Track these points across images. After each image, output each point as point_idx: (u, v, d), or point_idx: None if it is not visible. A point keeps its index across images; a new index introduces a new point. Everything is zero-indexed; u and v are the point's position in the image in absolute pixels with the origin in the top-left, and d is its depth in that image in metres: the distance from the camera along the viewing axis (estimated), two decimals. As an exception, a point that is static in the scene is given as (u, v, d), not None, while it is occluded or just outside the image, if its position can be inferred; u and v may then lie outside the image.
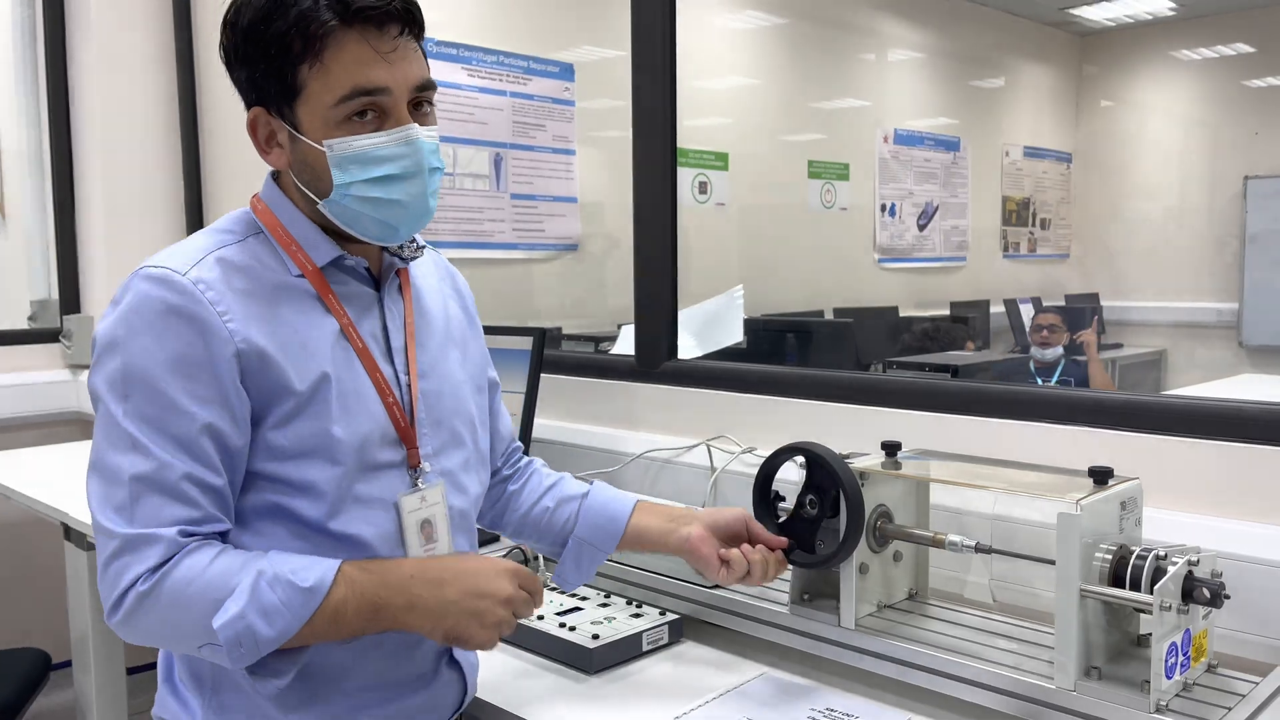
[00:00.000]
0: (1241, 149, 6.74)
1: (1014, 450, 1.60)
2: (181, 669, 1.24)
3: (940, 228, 6.40)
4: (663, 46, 2.14)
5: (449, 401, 1.29)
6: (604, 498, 1.45)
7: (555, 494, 1.47)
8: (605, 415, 2.25)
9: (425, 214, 1.19)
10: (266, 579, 1.06)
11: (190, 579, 1.06)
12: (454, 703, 1.33)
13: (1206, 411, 1.49)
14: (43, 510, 2.44)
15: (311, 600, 1.06)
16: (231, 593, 1.05)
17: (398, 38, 1.12)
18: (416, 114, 1.16)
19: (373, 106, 1.13)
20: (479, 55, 3.99)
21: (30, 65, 3.49)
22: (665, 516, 1.42)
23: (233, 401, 1.10)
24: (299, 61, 1.11)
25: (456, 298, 1.42)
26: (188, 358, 1.08)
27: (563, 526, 1.44)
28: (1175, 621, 1.16)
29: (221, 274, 1.13)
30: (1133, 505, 1.27)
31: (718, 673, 1.47)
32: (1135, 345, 6.70)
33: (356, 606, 1.08)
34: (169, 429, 1.08)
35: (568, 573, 1.44)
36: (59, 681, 2.60)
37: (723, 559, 1.35)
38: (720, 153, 5.00)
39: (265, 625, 1.05)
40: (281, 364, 1.12)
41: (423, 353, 1.28)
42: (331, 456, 1.14)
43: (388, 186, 1.14)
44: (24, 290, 3.58)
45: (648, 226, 2.19)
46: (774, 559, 1.37)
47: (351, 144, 1.13)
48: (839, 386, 1.90)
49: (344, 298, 1.21)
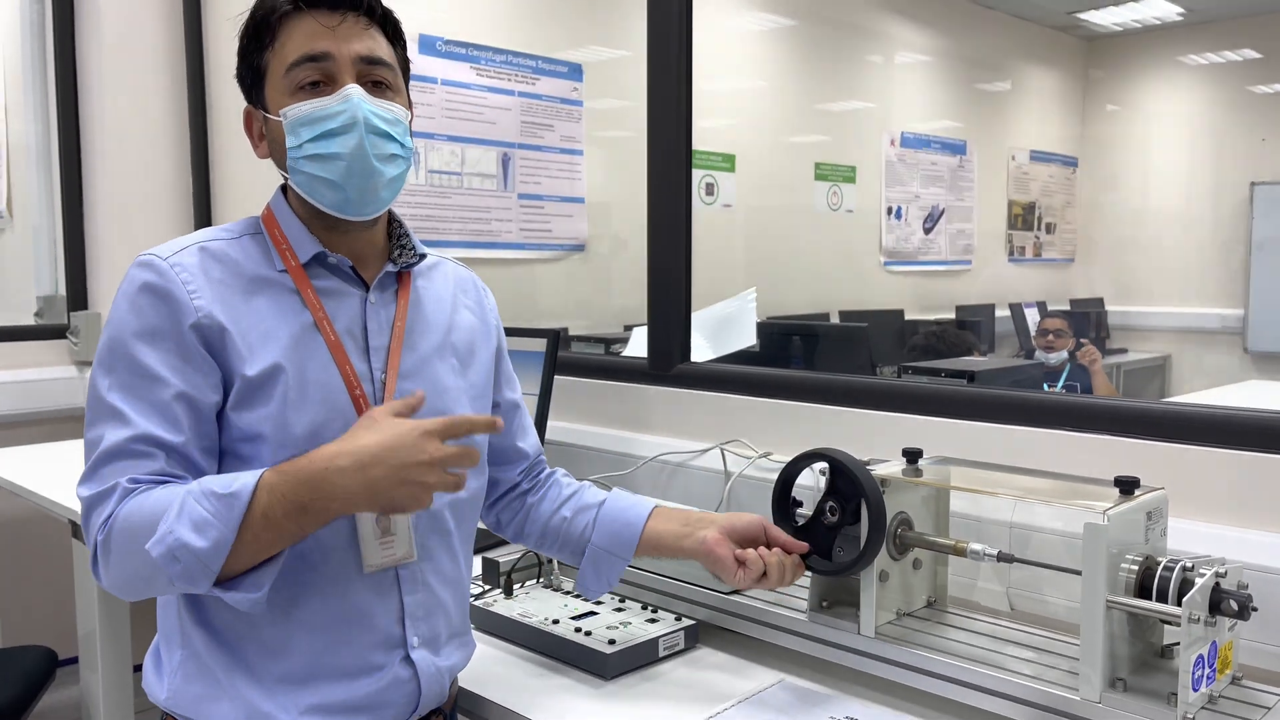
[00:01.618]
0: (1248, 155, 6.74)
1: (1032, 457, 1.59)
2: (159, 639, 1.29)
3: (946, 231, 6.39)
4: (679, 47, 2.13)
5: (431, 404, 1.28)
6: (620, 505, 1.44)
7: (573, 504, 1.46)
8: (617, 418, 2.24)
9: (369, 173, 1.21)
10: (194, 495, 1.09)
11: (130, 514, 1.11)
12: (404, 705, 1.28)
13: (1227, 421, 1.48)
14: (51, 507, 2.43)
15: (235, 505, 1.07)
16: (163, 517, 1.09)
17: (355, 18, 1.22)
18: (371, 90, 1.22)
19: (320, 75, 1.21)
20: (488, 55, 3.99)
21: (38, 60, 3.48)
22: (681, 521, 1.41)
23: (202, 367, 1.17)
24: (263, 49, 1.23)
25: (476, 311, 1.43)
26: (158, 329, 1.16)
27: (580, 535, 1.43)
28: (1202, 634, 1.15)
29: (200, 261, 1.22)
30: (1158, 515, 1.26)
31: (734, 679, 1.46)
32: (1140, 350, 6.70)
33: (284, 509, 1.08)
34: (143, 395, 1.15)
35: (589, 581, 1.43)
36: (63, 678, 2.59)
37: (739, 560, 1.34)
38: (727, 154, 4.99)
39: (196, 537, 1.07)
40: (239, 345, 1.18)
41: (409, 354, 1.30)
42: (280, 440, 1.18)
43: (327, 142, 1.20)
44: (30, 286, 3.58)
45: (662, 228, 2.19)
46: (791, 563, 1.36)
47: (300, 109, 1.21)
48: (855, 391, 1.89)
49: (324, 293, 1.26)
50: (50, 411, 3.30)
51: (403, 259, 1.32)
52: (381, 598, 1.25)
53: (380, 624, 1.25)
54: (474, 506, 1.38)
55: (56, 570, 2.68)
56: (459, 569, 1.35)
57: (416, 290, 1.34)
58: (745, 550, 1.35)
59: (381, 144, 1.22)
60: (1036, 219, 7.18)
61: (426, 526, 1.29)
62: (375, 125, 1.21)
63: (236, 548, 1.08)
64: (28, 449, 3.01)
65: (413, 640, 1.27)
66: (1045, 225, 7.26)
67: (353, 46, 1.21)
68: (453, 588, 1.34)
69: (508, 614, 1.61)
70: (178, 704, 1.25)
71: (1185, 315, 6.85)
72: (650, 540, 1.40)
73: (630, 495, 1.47)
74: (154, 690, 1.28)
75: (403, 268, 1.33)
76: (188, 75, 3.39)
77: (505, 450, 1.48)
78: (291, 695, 1.21)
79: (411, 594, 1.27)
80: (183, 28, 3.38)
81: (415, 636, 1.27)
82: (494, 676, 1.47)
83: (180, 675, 1.24)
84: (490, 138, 4.03)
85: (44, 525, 2.72)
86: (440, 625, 1.31)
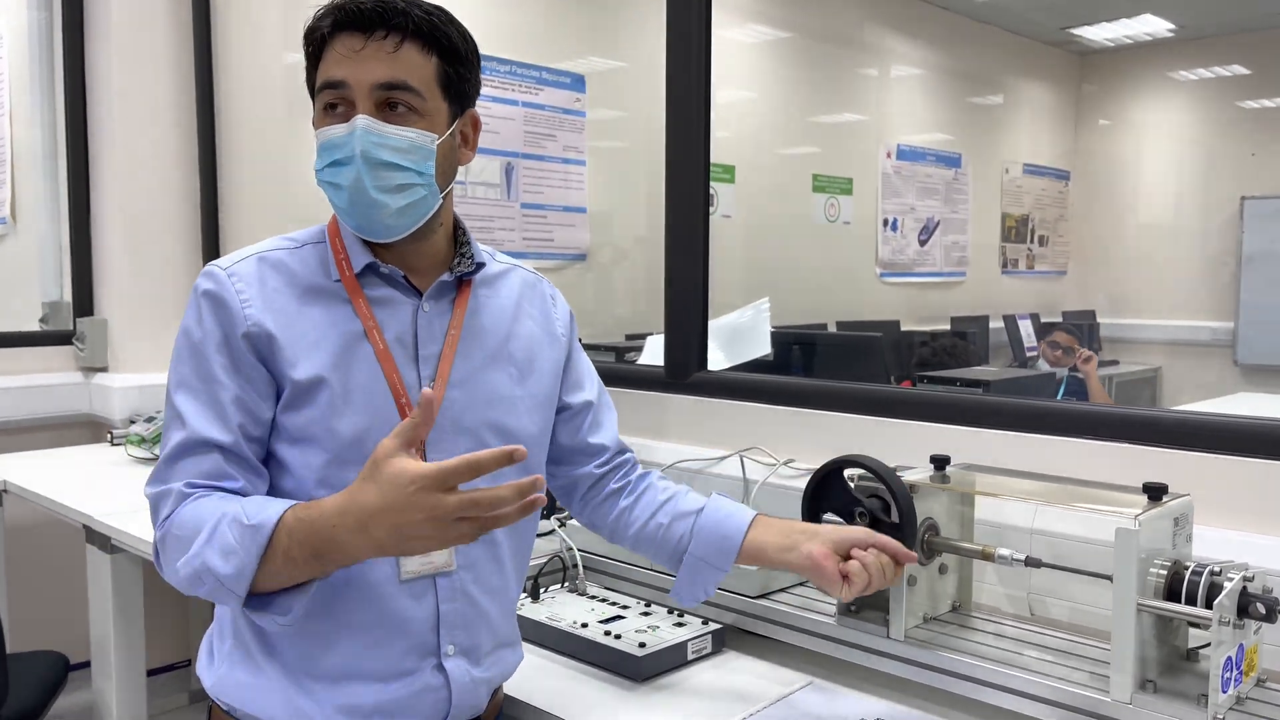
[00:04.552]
0: (1238, 169, 6.82)
1: (1052, 465, 1.62)
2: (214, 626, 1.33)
3: (941, 243, 6.45)
4: (697, 58, 2.17)
5: (482, 412, 1.30)
6: (719, 514, 1.41)
7: (669, 510, 1.44)
8: (635, 425, 2.26)
9: (370, 205, 1.22)
10: (227, 520, 1.12)
11: (182, 523, 1.15)
12: (434, 713, 1.28)
13: (1246, 430, 1.52)
14: (64, 513, 2.43)
15: (257, 538, 1.09)
16: (199, 533, 1.13)
17: (375, 39, 1.21)
18: (386, 112, 1.22)
19: (339, 99, 1.22)
20: (492, 65, 4.01)
21: (46, 65, 3.48)
22: (784, 532, 1.38)
23: (251, 373, 1.22)
24: (314, 67, 1.26)
25: (540, 320, 1.43)
26: (214, 335, 1.22)
27: (677, 543, 1.42)
28: (1231, 636, 1.18)
29: (257, 271, 1.26)
30: (1184, 521, 1.29)
31: (763, 682, 1.48)
32: (1131, 362, 6.76)
33: (301, 554, 1.09)
34: (200, 396, 1.21)
35: (684, 590, 1.42)
36: (75, 683, 2.59)
37: (843, 574, 1.30)
38: (727, 165, 5.03)
39: (222, 563, 1.10)
40: (287, 352, 1.22)
41: (463, 362, 1.30)
42: (327, 443, 1.22)
43: (335, 170, 1.22)
44: (35, 292, 3.57)
45: (679, 239, 2.21)
46: (889, 564, 1.32)
47: (321, 133, 1.24)
48: (874, 401, 1.91)
49: (376, 302, 1.28)
50: (57, 417, 3.29)
51: (460, 268, 1.33)
52: (418, 604, 1.26)
53: (415, 630, 1.26)
54: (526, 521, 1.33)
55: (68, 575, 2.68)
56: (506, 581, 1.35)
57: (477, 299, 1.35)
58: (848, 563, 1.31)
59: (386, 175, 1.21)
60: (1029, 232, 7.25)
61: None
62: (376, 157, 1.20)
63: (261, 575, 1.11)
64: (38, 454, 3.01)
65: (447, 649, 1.28)
66: (1038, 238, 7.32)
67: (372, 73, 1.20)
68: (498, 599, 1.33)
69: (535, 617, 1.62)
70: (222, 691, 1.28)
71: (1176, 328, 6.92)
72: (751, 551, 1.38)
73: (729, 503, 1.44)
74: (204, 676, 1.31)
75: (460, 276, 1.33)
76: (196, 81, 3.39)
77: (575, 449, 1.48)
78: (327, 693, 1.24)
79: (449, 602, 1.28)
80: (192, 34, 3.39)
81: (450, 645, 1.28)
82: (524, 679, 1.48)
83: (227, 664, 1.28)
84: (494, 147, 4.05)
85: (56, 530, 2.72)
86: (482, 636, 1.31)
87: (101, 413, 3.30)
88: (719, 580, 1.40)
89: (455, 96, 1.28)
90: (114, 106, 3.29)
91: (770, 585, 1.63)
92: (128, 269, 3.34)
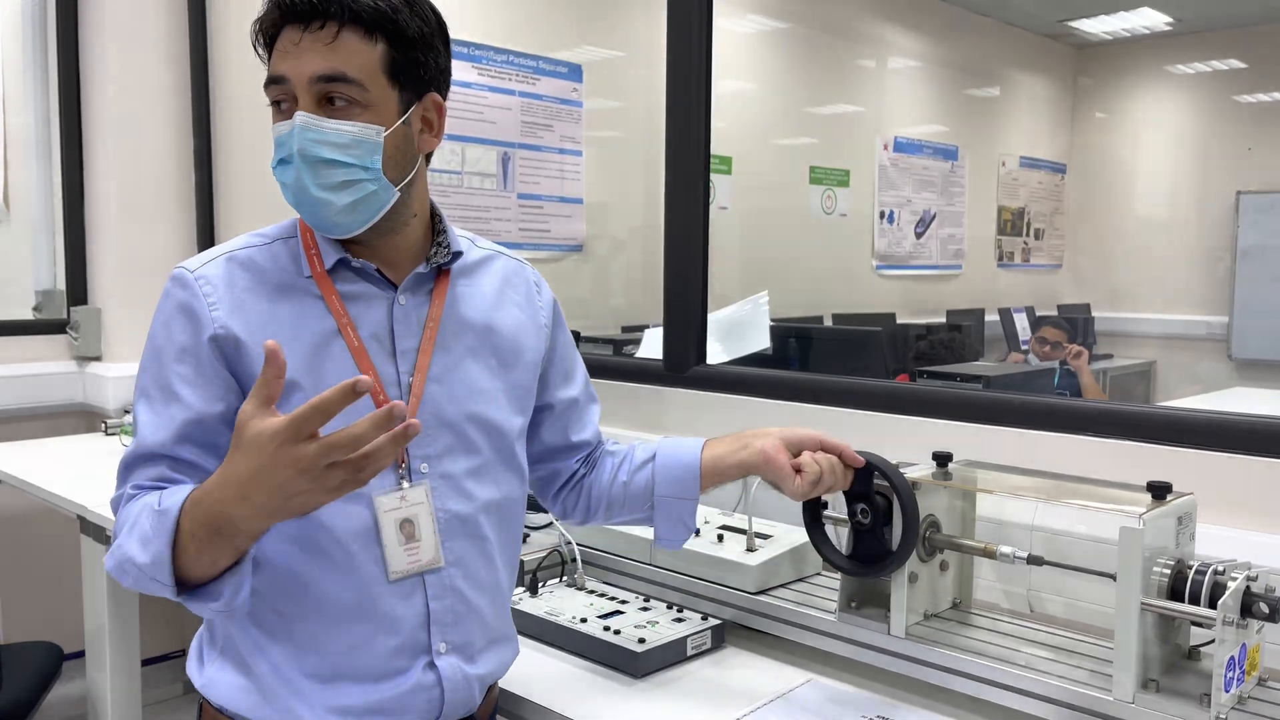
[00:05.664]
0: (1234, 164, 6.82)
1: (1054, 462, 1.61)
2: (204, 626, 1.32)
3: (937, 236, 6.44)
4: (698, 49, 2.15)
5: (463, 405, 1.29)
6: (673, 452, 1.42)
7: (627, 467, 1.45)
8: (633, 419, 2.25)
9: (314, 203, 1.19)
10: (147, 510, 1.12)
11: (119, 522, 1.17)
12: (427, 711, 1.27)
13: (1251, 428, 1.51)
14: (58, 503, 2.42)
15: (165, 522, 1.09)
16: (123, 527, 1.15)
17: (312, 30, 1.17)
18: (326, 106, 1.18)
19: (284, 96, 1.19)
20: (489, 54, 3.99)
21: (39, 51, 3.45)
22: (735, 438, 1.40)
23: (214, 379, 1.20)
24: (269, 60, 1.23)
25: (525, 308, 1.40)
26: (178, 341, 1.21)
27: (644, 492, 1.42)
28: (1234, 636, 1.18)
29: (225, 271, 1.24)
30: (1188, 520, 1.29)
31: (763, 678, 1.48)
32: (1125, 356, 6.77)
33: (204, 534, 1.08)
34: (157, 406, 1.20)
35: (665, 531, 1.42)
36: (70, 673, 2.58)
37: (795, 468, 1.33)
38: (724, 156, 5.01)
39: (140, 551, 1.10)
40: (255, 355, 1.19)
41: (442, 355, 1.28)
42: None
43: (280, 170, 1.21)
44: (28, 280, 3.55)
45: (678, 232, 2.20)
46: (837, 462, 1.35)
47: (273, 130, 1.21)
48: (874, 395, 1.91)
49: (350, 298, 1.25)
50: (50, 406, 3.27)
51: (436, 258, 1.30)
52: (407, 603, 1.24)
53: (405, 629, 1.24)
54: (513, 513, 1.36)
55: (62, 565, 2.68)
56: (497, 575, 1.33)
57: (455, 289, 1.32)
58: (799, 457, 1.34)
59: (326, 172, 1.18)
60: (1025, 225, 7.25)
61: (458, 533, 1.27)
62: (315, 155, 1.17)
63: (181, 561, 1.09)
64: (32, 444, 3.00)
65: (439, 646, 1.26)
66: (1034, 231, 7.32)
67: (309, 66, 1.16)
68: (490, 594, 1.32)
69: (534, 612, 1.62)
70: (213, 691, 1.26)
71: (1171, 322, 6.92)
72: (710, 469, 1.39)
73: (679, 439, 1.45)
74: (195, 676, 1.29)
75: (436, 267, 1.31)
76: (191, 68, 3.37)
77: (559, 447, 1.47)
78: (318, 693, 1.22)
79: (439, 600, 1.26)
80: (187, 20, 3.36)
81: (442, 643, 1.26)
82: (522, 674, 1.47)
83: (217, 664, 1.27)
84: (490, 137, 4.03)
85: (50, 520, 2.71)
86: (474, 632, 1.30)
87: (95, 402, 3.28)
88: (694, 510, 1.41)
89: (409, 83, 1.22)
90: (109, 93, 3.26)
91: (770, 581, 1.63)
92: (122, 258, 3.32)
